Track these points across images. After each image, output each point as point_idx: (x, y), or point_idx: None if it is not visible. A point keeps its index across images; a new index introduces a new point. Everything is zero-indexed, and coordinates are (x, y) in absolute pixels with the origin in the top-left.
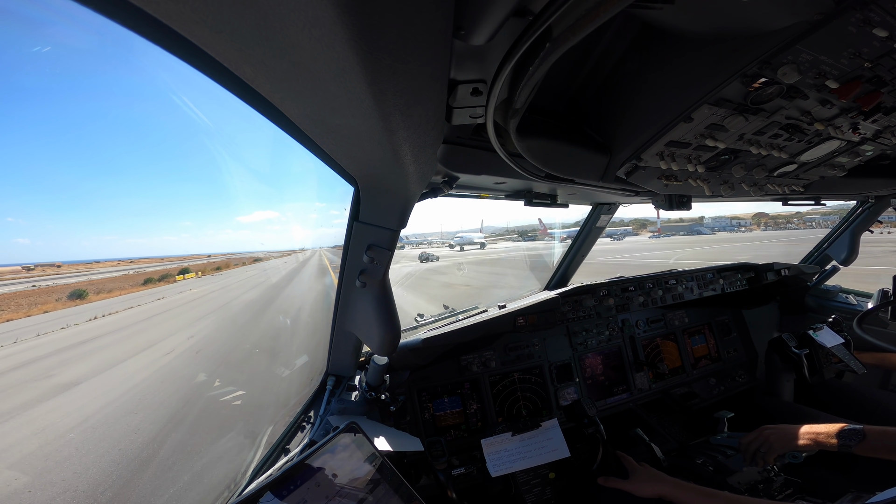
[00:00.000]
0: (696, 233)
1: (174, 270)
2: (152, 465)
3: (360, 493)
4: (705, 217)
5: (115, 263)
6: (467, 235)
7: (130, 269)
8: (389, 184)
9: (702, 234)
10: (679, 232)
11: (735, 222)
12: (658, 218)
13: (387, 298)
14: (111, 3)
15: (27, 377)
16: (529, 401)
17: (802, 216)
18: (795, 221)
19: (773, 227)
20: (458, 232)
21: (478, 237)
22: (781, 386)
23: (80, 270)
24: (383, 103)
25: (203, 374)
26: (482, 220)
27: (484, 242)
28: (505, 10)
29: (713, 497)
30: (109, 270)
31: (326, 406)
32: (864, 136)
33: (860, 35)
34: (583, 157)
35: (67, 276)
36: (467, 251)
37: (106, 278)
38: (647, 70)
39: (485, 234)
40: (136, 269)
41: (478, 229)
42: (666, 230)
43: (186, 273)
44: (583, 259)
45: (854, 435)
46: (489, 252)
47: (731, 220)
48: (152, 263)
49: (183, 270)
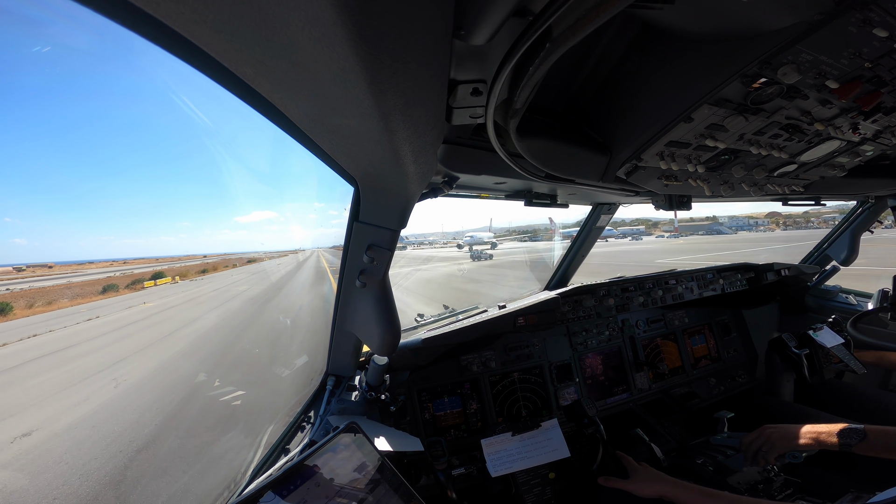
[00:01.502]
0: (717, 232)
1: (147, 275)
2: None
3: (360, 493)
4: (720, 217)
5: (108, 264)
6: (478, 235)
7: (118, 270)
8: (389, 184)
9: (722, 234)
10: (698, 232)
11: (753, 221)
12: (675, 217)
13: (387, 298)
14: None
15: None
16: (529, 401)
17: (821, 214)
18: (815, 221)
19: (793, 226)
20: (467, 231)
21: (488, 237)
22: (781, 386)
23: (70, 272)
24: (383, 103)
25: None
26: (491, 218)
27: (495, 242)
28: (505, 10)
29: (713, 497)
30: (98, 272)
31: (326, 406)
32: (864, 137)
33: (860, 35)
34: (583, 157)
35: (36, 279)
36: (499, 248)
37: (63, 285)
38: (647, 70)
39: (494, 234)
40: (124, 270)
41: (486, 228)
42: (683, 230)
43: (159, 278)
44: (583, 259)
45: (855, 434)
46: (510, 251)
47: (749, 219)
48: (146, 264)
49: (156, 275)
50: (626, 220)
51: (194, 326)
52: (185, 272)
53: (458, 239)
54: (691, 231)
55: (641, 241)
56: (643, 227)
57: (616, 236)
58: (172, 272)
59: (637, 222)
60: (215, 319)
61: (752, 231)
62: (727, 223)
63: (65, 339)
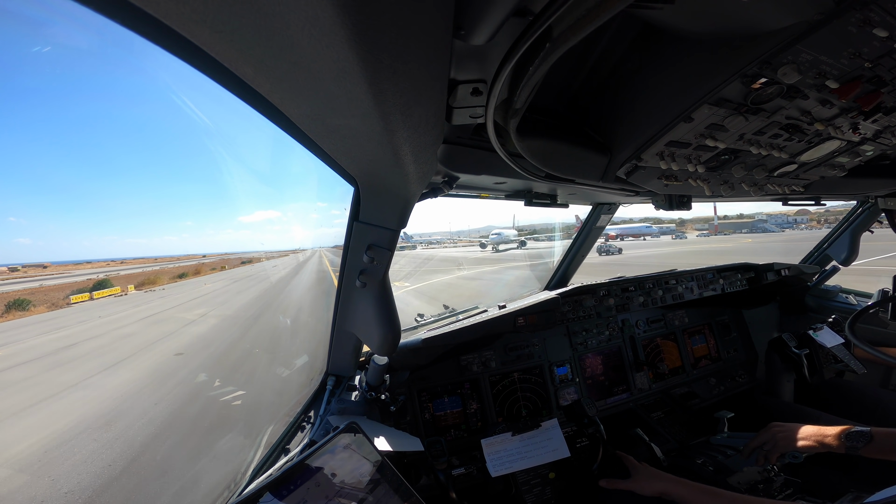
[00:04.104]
0: (762, 230)
1: (90, 283)
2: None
3: (360, 493)
4: (749, 213)
5: (104, 264)
6: (505, 232)
7: (114, 270)
8: (389, 184)
9: (768, 232)
10: (741, 230)
11: (792, 219)
12: (715, 214)
13: (387, 298)
14: (111, 3)
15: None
16: (529, 401)
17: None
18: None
19: (834, 222)
20: (494, 229)
21: (514, 235)
22: (781, 386)
23: (62, 272)
24: (383, 103)
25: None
26: (514, 215)
27: (524, 240)
28: (505, 10)
29: (714, 495)
30: (90, 272)
31: (326, 406)
32: (864, 136)
33: (860, 35)
34: (583, 157)
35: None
36: (529, 248)
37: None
38: (648, 70)
39: (519, 232)
40: (119, 270)
41: (510, 226)
42: (723, 227)
43: (101, 288)
44: (583, 259)
45: (861, 437)
46: (544, 251)
47: (785, 216)
48: (145, 264)
49: (98, 284)
50: (663, 219)
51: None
52: (155, 278)
53: (462, 237)
54: (733, 229)
55: (686, 240)
56: (673, 226)
57: (654, 234)
58: (135, 278)
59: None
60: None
61: (791, 229)
62: (764, 219)
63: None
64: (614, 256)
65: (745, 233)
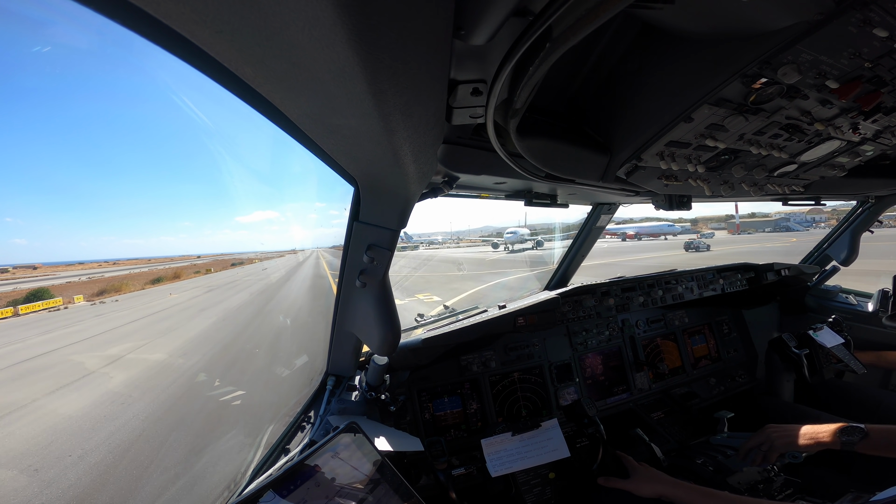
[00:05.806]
0: (785, 229)
1: (118, 280)
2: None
3: (360, 492)
4: (777, 214)
5: (96, 265)
6: (520, 231)
7: (99, 272)
8: (389, 184)
9: (792, 231)
10: (764, 228)
11: (811, 217)
12: (736, 213)
13: (387, 298)
14: (111, 3)
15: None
16: (529, 401)
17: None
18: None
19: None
20: (509, 228)
21: (527, 234)
22: (781, 386)
23: (48, 273)
24: (383, 103)
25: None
26: (525, 213)
27: (541, 240)
28: (505, 10)
29: (713, 497)
30: (80, 273)
31: (326, 406)
32: (864, 136)
33: (860, 35)
34: (583, 157)
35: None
36: (546, 248)
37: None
38: (648, 70)
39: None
40: (114, 272)
41: (521, 224)
42: (745, 226)
43: (39, 300)
44: (583, 259)
45: (856, 432)
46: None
47: (806, 215)
48: (137, 265)
49: (33, 294)
50: (671, 219)
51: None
52: (121, 284)
53: (462, 237)
54: (756, 228)
55: (713, 238)
56: (688, 226)
57: (675, 233)
58: (101, 283)
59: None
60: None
61: (814, 227)
62: (785, 218)
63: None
64: (702, 253)
65: (768, 232)
